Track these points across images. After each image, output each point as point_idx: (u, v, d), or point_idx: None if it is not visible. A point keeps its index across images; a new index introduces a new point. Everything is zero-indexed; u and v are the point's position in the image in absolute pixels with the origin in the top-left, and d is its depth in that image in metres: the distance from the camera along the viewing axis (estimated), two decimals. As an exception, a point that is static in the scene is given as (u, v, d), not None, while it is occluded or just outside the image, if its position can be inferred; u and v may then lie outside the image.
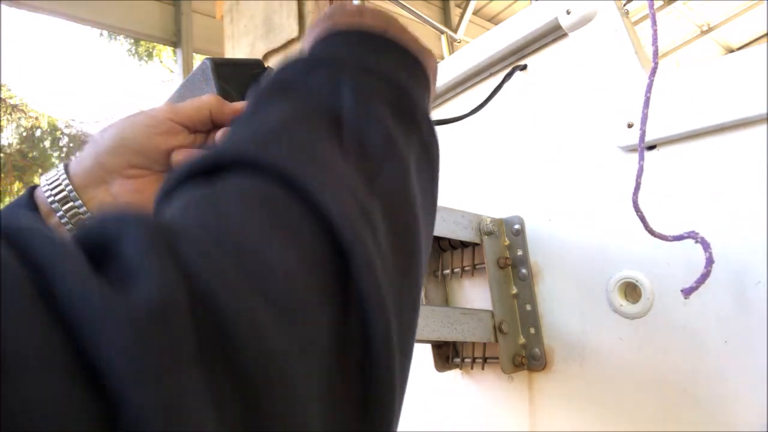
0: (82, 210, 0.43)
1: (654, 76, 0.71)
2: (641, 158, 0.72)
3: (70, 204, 0.43)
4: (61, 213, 0.43)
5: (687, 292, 0.67)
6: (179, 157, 0.47)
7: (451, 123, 0.90)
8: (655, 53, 0.70)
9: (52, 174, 0.45)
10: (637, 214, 0.71)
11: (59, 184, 0.44)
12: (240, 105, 0.50)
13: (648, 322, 0.82)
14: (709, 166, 0.76)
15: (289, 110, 0.34)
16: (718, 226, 0.74)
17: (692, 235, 0.68)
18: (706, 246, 0.66)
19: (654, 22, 0.71)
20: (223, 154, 0.30)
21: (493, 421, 1.08)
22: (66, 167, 0.45)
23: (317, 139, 0.32)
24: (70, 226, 0.43)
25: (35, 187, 0.45)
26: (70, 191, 0.43)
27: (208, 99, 0.49)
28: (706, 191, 0.76)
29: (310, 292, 0.25)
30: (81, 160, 0.45)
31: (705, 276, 0.66)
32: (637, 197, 0.72)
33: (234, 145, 0.32)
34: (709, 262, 0.66)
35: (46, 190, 0.44)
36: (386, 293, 0.27)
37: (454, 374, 1.14)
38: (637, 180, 0.72)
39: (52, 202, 0.43)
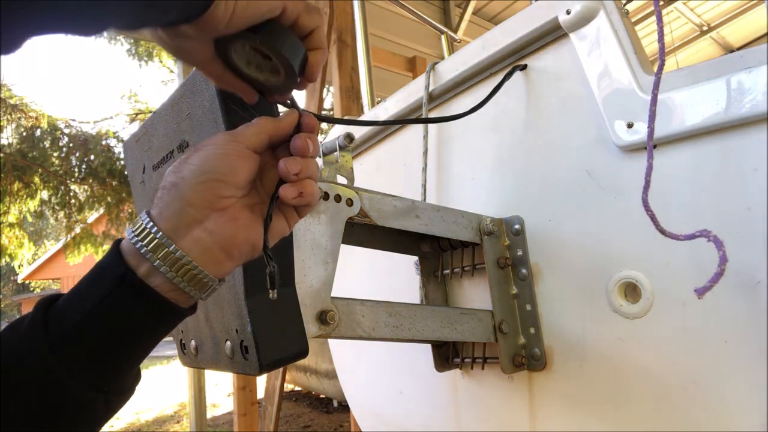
0: (178, 254, 0.44)
1: (661, 72, 0.70)
2: (650, 156, 0.70)
3: (165, 250, 0.44)
4: (158, 262, 0.44)
5: (701, 292, 0.65)
6: (282, 164, 0.48)
7: (451, 121, 0.89)
8: (662, 50, 0.70)
9: (137, 224, 0.45)
10: (648, 213, 0.70)
11: (149, 232, 0.44)
12: (291, 119, 0.51)
13: (648, 322, 0.82)
14: (709, 165, 0.76)
15: None
16: (717, 226, 0.73)
17: (704, 234, 0.65)
18: (719, 245, 0.64)
19: (660, 19, 0.70)
20: None
21: (493, 421, 1.08)
22: (149, 214, 0.46)
23: None
24: (171, 273, 0.44)
25: (120, 240, 0.46)
26: (162, 237, 0.44)
27: (263, 122, 0.50)
28: (705, 191, 0.76)
29: None
30: (165, 206, 0.46)
31: (719, 275, 0.64)
32: (647, 195, 0.70)
33: None
34: (723, 260, 0.64)
35: (136, 241, 0.44)
36: None
37: (454, 374, 1.14)
38: (646, 179, 0.70)
39: (145, 252, 0.44)
